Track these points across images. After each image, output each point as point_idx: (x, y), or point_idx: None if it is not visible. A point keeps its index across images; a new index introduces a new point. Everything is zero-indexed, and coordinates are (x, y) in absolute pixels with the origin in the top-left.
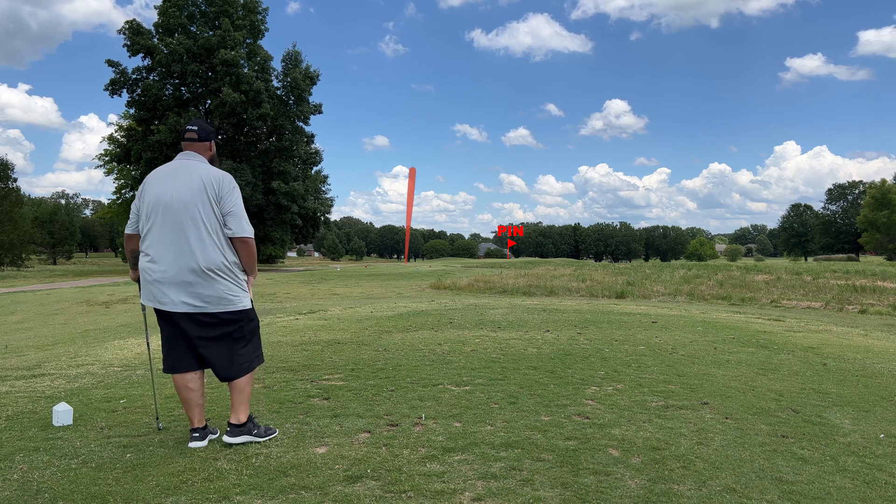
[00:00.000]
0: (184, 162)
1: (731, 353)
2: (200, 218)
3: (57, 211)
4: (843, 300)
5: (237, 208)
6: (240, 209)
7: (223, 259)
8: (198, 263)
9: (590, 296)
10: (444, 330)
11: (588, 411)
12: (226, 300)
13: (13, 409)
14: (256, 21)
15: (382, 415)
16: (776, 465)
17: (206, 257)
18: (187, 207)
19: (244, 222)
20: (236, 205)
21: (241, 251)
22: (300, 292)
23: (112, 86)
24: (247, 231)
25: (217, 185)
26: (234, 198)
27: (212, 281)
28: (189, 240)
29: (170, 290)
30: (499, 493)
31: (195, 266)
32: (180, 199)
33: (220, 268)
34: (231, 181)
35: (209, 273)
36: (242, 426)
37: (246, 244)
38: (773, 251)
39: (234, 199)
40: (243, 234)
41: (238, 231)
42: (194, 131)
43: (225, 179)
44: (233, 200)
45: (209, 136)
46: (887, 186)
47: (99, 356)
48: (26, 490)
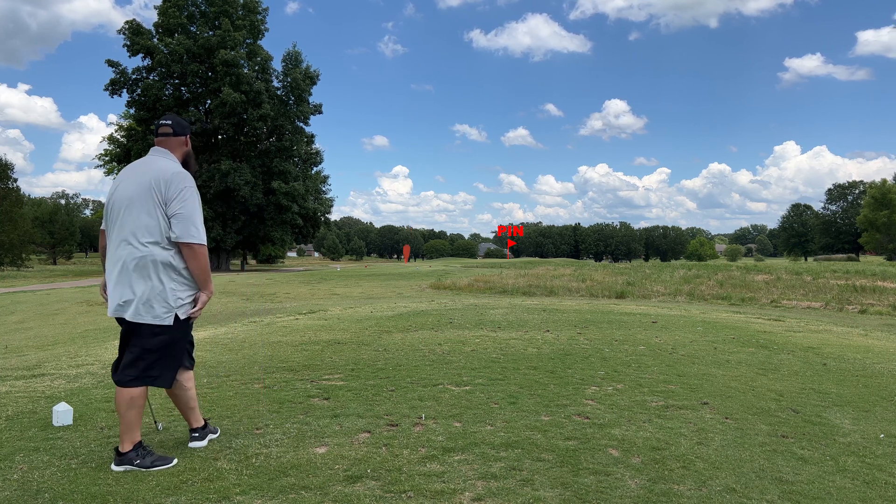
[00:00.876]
0: (149, 158)
1: (731, 353)
2: (133, 219)
3: (57, 211)
4: (843, 300)
5: (185, 211)
6: (188, 212)
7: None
8: (123, 265)
9: (590, 296)
10: (444, 330)
11: (588, 411)
12: (140, 313)
13: (13, 409)
14: (256, 21)
15: (382, 415)
16: (776, 465)
17: (128, 259)
18: (125, 207)
19: (191, 227)
20: (184, 207)
21: (187, 258)
22: (300, 292)
23: (112, 86)
24: (193, 236)
25: (165, 185)
26: (183, 199)
27: (126, 285)
28: (121, 241)
29: (111, 292)
30: (499, 493)
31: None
32: (128, 198)
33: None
34: (183, 181)
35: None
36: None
37: (192, 251)
38: (773, 251)
39: (184, 200)
40: (188, 240)
41: (182, 235)
42: (168, 125)
43: (175, 179)
44: (181, 203)
45: (184, 130)
46: (887, 186)
47: (99, 356)
48: (26, 490)
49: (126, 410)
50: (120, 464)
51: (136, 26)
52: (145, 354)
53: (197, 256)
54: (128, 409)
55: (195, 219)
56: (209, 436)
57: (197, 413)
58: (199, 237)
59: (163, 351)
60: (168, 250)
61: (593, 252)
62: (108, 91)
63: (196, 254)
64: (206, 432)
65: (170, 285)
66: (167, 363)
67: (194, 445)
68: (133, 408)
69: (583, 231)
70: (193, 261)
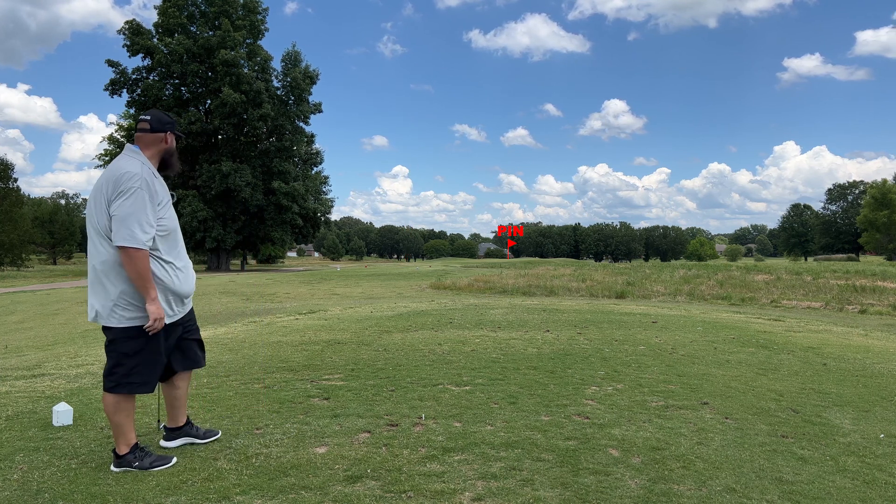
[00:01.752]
0: (118, 156)
1: (731, 353)
2: (94, 220)
3: (57, 211)
4: (843, 300)
5: (121, 212)
6: (124, 213)
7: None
8: (92, 267)
9: (590, 296)
10: (444, 330)
11: (588, 411)
12: (101, 315)
13: (13, 409)
14: (256, 21)
15: (382, 415)
16: (776, 465)
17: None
18: (90, 208)
19: (123, 230)
20: (121, 208)
21: (123, 262)
22: (300, 292)
23: (112, 86)
24: (124, 239)
25: (112, 185)
26: (122, 200)
27: (97, 288)
28: (91, 242)
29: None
30: (499, 493)
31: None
32: (92, 198)
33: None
34: (127, 181)
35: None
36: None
37: (125, 254)
38: (773, 251)
39: (123, 201)
40: (119, 243)
41: (115, 239)
42: (146, 121)
43: (121, 179)
44: (119, 203)
45: (163, 127)
46: (888, 186)
47: (99, 356)
48: (26, 490)
49: (112, 415)
50: (119, 466)
51: (137, 26)
52: (122, 359)
53: (130, 261)
54: (114, 413)
55: (129, 221)
56: (193, 440)
57: (178, 414)
58: (131, 240)
59: (133, 356)
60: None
61: (593, 252)
62: (109, 91)
63: (129, 258)
64: (178, 434)
65: (121, 287)
66: (138, 369)
67: (164, 444)
68: (119, 412)
69: (583, 231)
70: (128, 265)
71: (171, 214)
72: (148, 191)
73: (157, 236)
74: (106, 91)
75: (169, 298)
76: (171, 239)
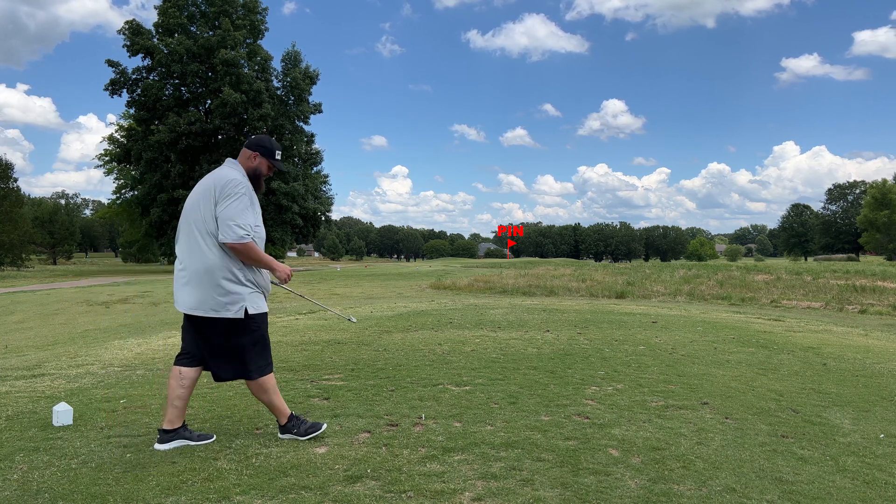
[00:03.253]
0: (222, 166)
1: (731, 353)
2: (200, 222)
3: (57, 211)
4: (843, 300)
5: (227, 213)
6: (230, 214)
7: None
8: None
9: (590, 296)
10: (444, 330)
11: (588, 411)
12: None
13: (13, 409)
14: (256, 21)
15: (382, 415)
16: (776, 465)
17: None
18: (192, 211)
19: (229, 229)
20: (227, 210)
21: (236, 255)
22: (300, 292)
23: (112, 86)
24: (231, 237)
25: (219, 189)
26: (229, 202)
27: (206, 285)
28: (192, 242)
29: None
30: (499, 493)
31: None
32: (190, 202)
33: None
34: (234, 186)
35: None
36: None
37: (235, 250)
38: (773, 251)
39: (230, 203)
40: (226, 241)
41: (221, 237)
42: (249, 138)
43: (228, 185)
44: (226, 205)
45: (255, 147)
46: (888, 186)
47: (99, 356)
48: (26, 490)
49: (272, 395)
50: (284, 432)
51: (136, 26)
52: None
53: (242, 252)
54: (273, 393)
55: (235, 221)
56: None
57: (178, 415)
58: (236, 237)
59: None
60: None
61: (593, 252)
62: (109, 91)
63: (240, 251)
64: (171, 437)
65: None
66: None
67: (157, 447)
68: (271, 391)
69: (583, 231)
70: (242, 256)
71: (262, 226)
72: (250, 197)
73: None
74: (106, 91)
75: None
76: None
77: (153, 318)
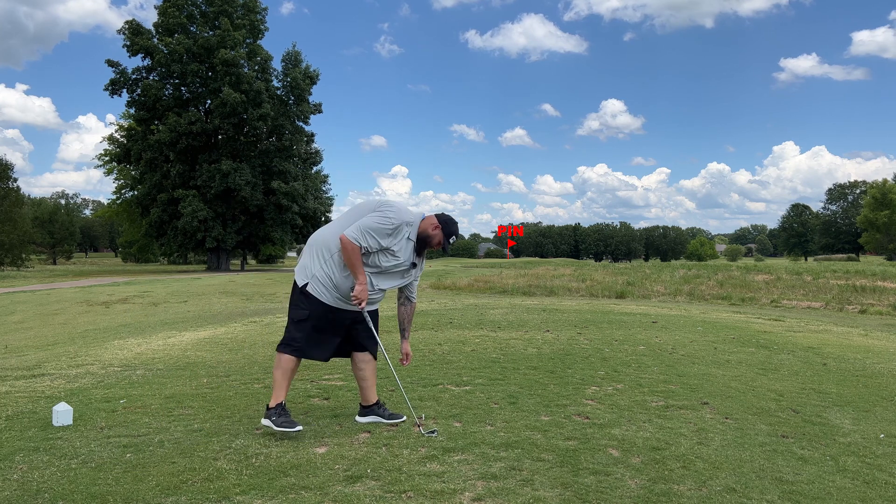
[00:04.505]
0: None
1: (731, 353)
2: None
3: (57, 211)
4: (843, 300)
5: (363, 221)
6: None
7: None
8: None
9: (590, 296)
10: (444, 330)
11: (588, 411)
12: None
13: (13, 409)
14: (256, 21)
15: None
16: (776, 465)
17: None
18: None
19: (355, 230)
20: (366, 219)
21: (342, 248)
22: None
23: (112, 86)
24: (350, 236)
25: (375, 205)
26: (372, 216)
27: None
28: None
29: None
30: (499, 493)
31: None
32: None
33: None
34: (387, 209)
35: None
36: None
37: (343, 245)
38: (773, 251)
39: (372, 216)
40: (344, 234)
41: (346, 232)
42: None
43: (384, 206)
44: (369, 217)
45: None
46: (888, 186)
47: (99, 356)
48: (26, 490)
49: (274, 369)
50: (265, 417)
51: (136, 26)
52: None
53: (346, 249)
54: (275, 367)
55: (363, 228)
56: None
57: (367, 395)
58: (352, 237)
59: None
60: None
61: (593, 252)
62: (108, 91)
63: (346, 248)
64: (368, 412)
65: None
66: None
67: (357, 419)
68: (277, 368)
69: (583, 231)
70: (344, 252)
71: (390, 268)
72: (392, 229)
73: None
74: (106, 91)
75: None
76: (370, 271)
77: (153, 318)
